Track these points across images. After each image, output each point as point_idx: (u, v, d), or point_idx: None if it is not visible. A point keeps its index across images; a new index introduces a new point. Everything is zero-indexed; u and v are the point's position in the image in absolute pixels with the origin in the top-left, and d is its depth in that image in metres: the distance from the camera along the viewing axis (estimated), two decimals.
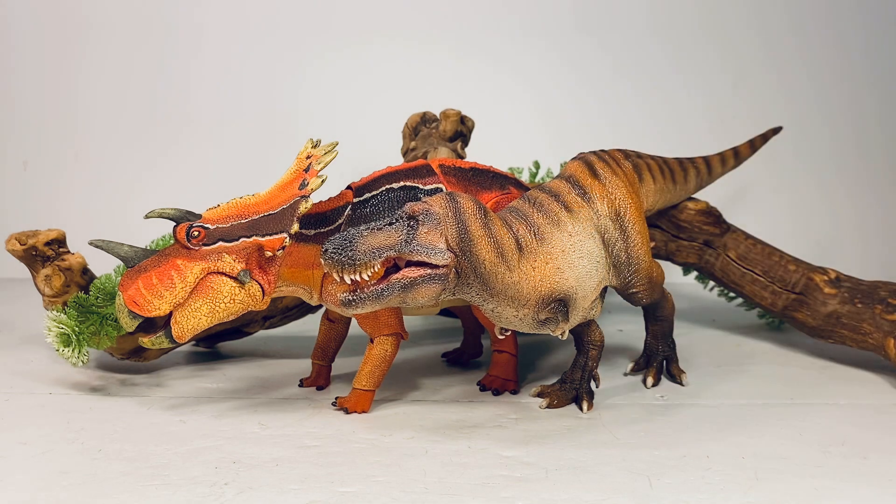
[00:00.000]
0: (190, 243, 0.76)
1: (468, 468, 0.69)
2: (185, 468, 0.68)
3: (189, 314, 0.76)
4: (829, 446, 0.75)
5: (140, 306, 0.74)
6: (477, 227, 0.72)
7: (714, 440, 0.76)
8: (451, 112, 1.17)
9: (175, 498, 0.63)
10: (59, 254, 0.92)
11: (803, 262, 1.07)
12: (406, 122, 1.21)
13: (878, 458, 0.72)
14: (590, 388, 0.86)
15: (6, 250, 0.90)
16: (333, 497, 0.63)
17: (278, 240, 0.78)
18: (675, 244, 1.11)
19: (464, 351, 1.04)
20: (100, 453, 0.72)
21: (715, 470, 0.69)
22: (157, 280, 0.75)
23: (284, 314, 1.08)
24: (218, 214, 0.78)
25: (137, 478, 0.67)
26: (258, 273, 0.78)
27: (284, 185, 0.81)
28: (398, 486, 0.65)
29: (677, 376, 0.94)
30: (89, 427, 0.79)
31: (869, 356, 1.04)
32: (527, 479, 0.67)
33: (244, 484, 0.65)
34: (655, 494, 0.64)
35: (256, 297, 0.78)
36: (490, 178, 0.89)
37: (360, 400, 0.84)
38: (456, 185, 0.87)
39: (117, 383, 0.93)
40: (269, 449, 0.73)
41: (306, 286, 0.84)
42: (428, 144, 1.16)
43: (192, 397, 0.88)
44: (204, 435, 0.76)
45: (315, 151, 0.82)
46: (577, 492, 0.65)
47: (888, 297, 0.99)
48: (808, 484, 0.67)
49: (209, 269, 0.76)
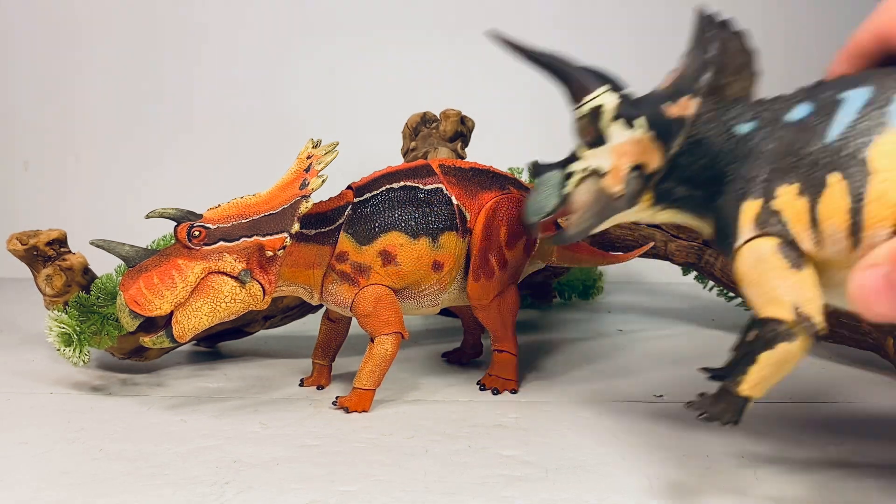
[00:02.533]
0: (191, 243, 0.76)
1: (468, 468, 0.69)
2: (186, 468, 0.69)
3: (190, 314, 0.76)
4: (829, 446, 0.75)
5: (141, 306, 0.74)
6: None
7: (714, 440, 0.76)
8: (451, 112, 1.17)
9: (175, 497, 0.63)
10: (60, 254, 0.92)
11: None
12: (406, 122, 1.21)
13: (878, 458, 0.72)
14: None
15: (7, 250, 0.91)
16: (333, 496, 0.63)
17: (279, 239, 0.78)
18: (674, 244, 1.11)
19: (464, 351, 1.04)
20: (100, 453, 0.72)
21: (715, 470, 0.69)
22: (159, 280, 0.75)
23: (285, 314, 1.08)
24: (219, 214, 0.78)
25: (138, 477, 0.67)
26: (259, 273, 0.78)
27: (285, 185, 0.81)
28: (398, 485, 0.66)
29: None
30: (90, 427, 0.79)
31: (869, 356, 1.04)
32: (527, 478, 0.67)
33: (244, 483, 0.66)
34: (655, 494, 0.64)
35: (257, 296, 0.78)
36: (490, 178, 0.89)
37: (361, 399, 0.84)
38: (456, 185, 0.87)
39: (118, 383, 0.93)
40: (270, 448, 0.73)
41: (307, 286, 0.84)
42: (428, 144, 1.16)
43: (192, 397, 0.88)
44: (204, 435, 0.77)
45: (315, 151, 0.83)
46: (577, 492, 0.65)
47: None
48: (808, 484, 0.67)
49: (210, 268, 0.76)
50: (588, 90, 0.61)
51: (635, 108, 0.60)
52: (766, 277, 0.54)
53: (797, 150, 0.55)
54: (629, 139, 0.60)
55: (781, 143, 0.56)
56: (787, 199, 0.54)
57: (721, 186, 0.58)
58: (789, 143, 0.56)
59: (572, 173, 0.62)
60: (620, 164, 0.60)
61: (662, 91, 0.61)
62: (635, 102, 0.61)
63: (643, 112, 0.60)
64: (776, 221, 0.55)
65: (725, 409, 0.57)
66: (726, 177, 0.58)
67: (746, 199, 0.56)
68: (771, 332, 0.54)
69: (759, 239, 0.54)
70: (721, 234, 0.58)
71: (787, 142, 0.56)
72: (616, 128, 0.60)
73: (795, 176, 0.54)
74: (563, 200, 0.62)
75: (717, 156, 0.59)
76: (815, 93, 0.57)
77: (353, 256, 0.83)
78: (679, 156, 0.60)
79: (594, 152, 0.61)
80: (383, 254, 0.83)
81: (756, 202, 0.55)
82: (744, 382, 0.56)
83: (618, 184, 0.60)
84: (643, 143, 0.59)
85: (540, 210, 0.63)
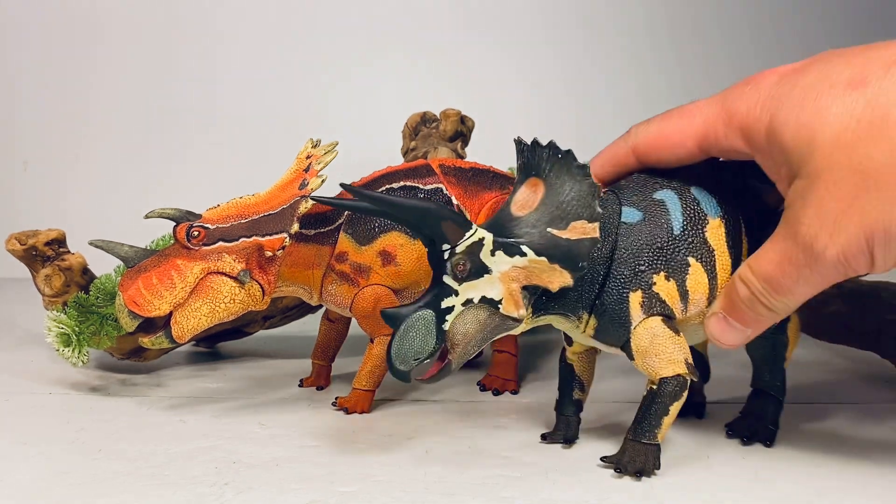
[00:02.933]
0: (190, 243, 0.76)
1: (468, 468, 0.69)
2: (185, 468, 0.68)
3: (189, 314, 0.76)
4: (828, 446, 0.75)
5: (140, 306, 0.74)
6: None
7: (714, 440, 0.76)
8: (451, 112, 1.17)
9: (175, 498, 0.63)
10: (59, 254, 0.92)
11: None
12: (406, 122, 1.21)
13: (878, 458, 0.72)
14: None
15: (6, 250, 0.90)
16: (333, 497, 0.63)
17: (278, 240, 0.78)
18: None
19: None
20: (100, 453, 0.72)
21: (715, 470, 0.69)
22: (158, 280, 0.75)
23: (284, 314, 1.08)
24: (218, 214, 0.78)
25: (137, 477, 0.67)
26: (258, 273, 0.78)
27: (284, 185, 0.81)
28: (398, 485, 0.65)
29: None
30: (89, 427, 0.79)
31: (869, 356, 1.04)
32: (527, 479, 0.67)
33: (244, 484, 0.65)
34: (655, 494, 0.64)
35: (256, 297, 0.78)
36: (490, 178, 0.89)
37: (360, 400, 0.84)
38: (456, 185, 0.87)
39: (117, 383, 0.93)
40: (269, 449, 0.73)
41: (306, 286, 0.84)
42: (428, 144, 1.16)
43: (192, 397, 0.88)
44: (204, 435, 0.76)
45: (315, 151, 0.82)
46: (577, 492, 0.65)
47: (889, 298, 0.99)
48: (808, 484, 0.67)
49: (209, 269, 0.76)
50: (464, 230, 0.64)
51: (512, 238, 0.65)
52: (662, 347, 0.67)
53: (654, 246, 0.69)
54: (513, 266, 0.64)
55: (638, 240, 0.69)
56: (660, 284, 0.68)
57: (594, 287, 0.69)
58: (646, 241, 0.69)
59: (450, 309, 0.63)
60: (512, 288, 0.65)
61: (531, 218, 0.66)
62: (505, 234, 0.65)
63: (523, 241, 0.65)
64: (657, 302, 0.68)
65: (651, 460, 0.68)
66: (598, 277, 0.68)
67: (631, 291, 0.68)
68: (678, 386, 0.67)
69: (648, 319, 0.68)
70: (608, 324, 0.69)
71: (643, 239, 0.69)
72: (498, 258, 0.64)
73: (661, 265, 0.69)
74: (441, 339, 0.63)
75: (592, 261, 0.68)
76: (631, 201, 0.71)
77: (352, 257, 0.83)
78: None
79: (473, 284, 0.64)
80: (383, 254, 0.83)
81: (638, 292, 0.68)
82: (660, 432, 0.68)
83: (517, 307, 0.65)
84: (530, 267, 0.65)
85: (418, 354, 0.63)
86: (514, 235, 0.65)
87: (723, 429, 0.79)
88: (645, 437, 0.68)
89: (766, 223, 0.70)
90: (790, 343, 0.77)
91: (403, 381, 0.64)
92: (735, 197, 0.73)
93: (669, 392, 0.67)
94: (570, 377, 0.76)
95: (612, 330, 0.69)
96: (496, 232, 0.65)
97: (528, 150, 0.68)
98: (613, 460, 0.69)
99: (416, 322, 0.63)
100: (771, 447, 0.74)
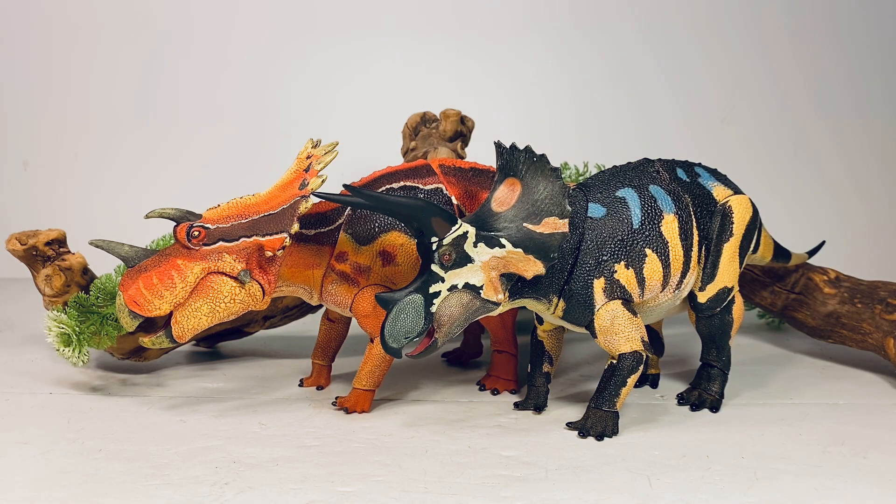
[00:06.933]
0: (190, 243, 0.76)
1: (468, 468, 0.69)
2: (185, 468, 0.69)
3: (189, 314, 0.76)
4: (829, 446, 0.75)
5: (140, 306, 0.74)
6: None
7: (714, 440, 0.76)
8: (451, 112, 1.17)
9: (175, 498, 0.63)
10: (59, 254, 0.92)
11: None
12: (406, 122, 1.21)
13: (878, 458, 0.72)
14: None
15: (6, 250, 0.90)
16: (333, 497, 0.63)
17: (278, 240, 0.78)
18: None
19: (464, 351, 1.04)
20: (100, 453, 0.72)
21: (715, 470, 0.69)
22: (158, 280, 0.75)
23: (285, 314, 1.08)
24: (218, 214, 0.78)
25: (138, 478, 0.67)
26: (258, 273, 0.78)
27: (284, 185, 0.81)
28: (398, 485, 0.65)
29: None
30: (89, 427, 0.79)
31: (869, 356, 1.04)
32: (527, 479, 0.67)
33: (244, 484, 0.66)
34: (655, 494, 0.64)
35: (257, 296, 0.78)
36: (490, 178, 0.89)
37: (360, 400, 0.84)
38: (456, 185, 0.87)
39: (117, 383, 0.93)
40: (269, 449, 0.73)
41: (306, 286, 0.84)
42: (428, 144, 1.16)
43: (192, 397, 0.88)
44: (204, 435, 0.77)
45: (315, 151, 0.82)
46: (577, 492, 0.65)
47: (888, 297, 0.99)
48: (808, 484, 0.67)
49: (209, 268, 0.76)
50: (451, 224, 0.72)
51: (492, 231, 0.73)
52: (621, 327, 0.77)
53: (616, 238, 0.78)
54: (493, 256, 0.73)
55: (602, 233, 0.78)
56: (621, 272, 0.78)
57: (563, 274, 0.77)
58: (609, 234, 0.78)
59: (437, 294, 0.71)
60: (492, 276, 0.73)
61: (509, 214, 0.74)
62: (486, 228, 0.74)
63: (502, 234, 0.73)
64: (618, 288, 0.78)
65: (610, 425, 0.77)
66: (567, 266, 0.77)
67: (595, 279, 0.77)
68: (635, 361, 0.77)
69: (610, 303, 0.77)
70: (575, 307, 0.78)
71: (607, 232, 0.78)
72: (480, 249, 0.73)
73: (622, 255, 0.78)
74: (429, 320, 0.71)
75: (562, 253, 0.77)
76: (597, 198, 0.80)
77: (352, 256, 0.83)
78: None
79: (457, 272, 0.72)
80: (383, 254, 0.83)
81: (601, 279, 0.77)
82: (619, 400, 0.77)
83: (496, 292, 0.74)
84: (508, 258, 0.73)
85: (408, 334, 0.71)
86: (494, 229, 0.74)
87: (723, 429, 0.79)
88: (606, 405, 0.77)
89: (712, 216, 0.83)
90: (734, 322, 0.87)
91: (396, 358, 0.73)
92: (686, 193, 0.83)
93: (627, 366, 0.77)
94: (540, 352, 0.85)
95: (579, 312, 0.78)
96: (478, 226, 0.74)
97: (507, 153, 0.76)
98: (578, 425, 0.77)
99: (406, 305, 0.71)
100: (717, 413, 0.84)
